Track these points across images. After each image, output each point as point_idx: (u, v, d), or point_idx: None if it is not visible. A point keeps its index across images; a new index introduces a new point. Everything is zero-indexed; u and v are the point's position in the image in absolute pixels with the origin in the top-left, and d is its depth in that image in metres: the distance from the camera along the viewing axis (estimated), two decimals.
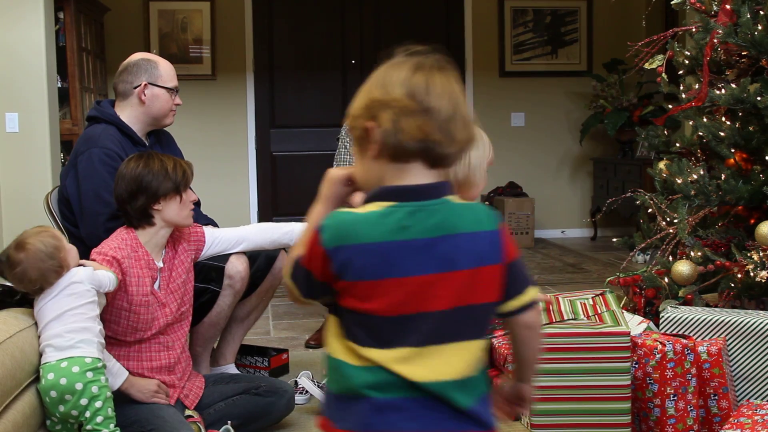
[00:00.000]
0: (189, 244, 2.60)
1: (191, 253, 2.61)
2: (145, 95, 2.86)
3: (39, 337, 2.22)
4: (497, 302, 1.30)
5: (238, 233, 2.73)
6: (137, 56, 2.93)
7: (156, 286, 2.49)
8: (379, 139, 1.23)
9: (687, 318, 2.54)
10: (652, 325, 2.65)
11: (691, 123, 3.06)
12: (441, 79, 1.23)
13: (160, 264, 2.51)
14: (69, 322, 2.20)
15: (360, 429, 1.22)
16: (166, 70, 2.91)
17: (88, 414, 2.16)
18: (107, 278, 2.30)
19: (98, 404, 2.17)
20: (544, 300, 2.36)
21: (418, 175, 1.24)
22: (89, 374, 2.17)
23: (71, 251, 2.30)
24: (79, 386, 2.15)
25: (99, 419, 2.16)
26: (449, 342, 1.23)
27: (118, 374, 2.36)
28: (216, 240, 2.70)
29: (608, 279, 3.11)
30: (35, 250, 2.22)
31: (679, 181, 2.85)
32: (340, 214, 1.25)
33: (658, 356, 2.31)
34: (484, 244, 1.25)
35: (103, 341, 2.27)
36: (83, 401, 2.16)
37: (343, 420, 1.25)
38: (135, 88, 2.86)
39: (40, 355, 2.21)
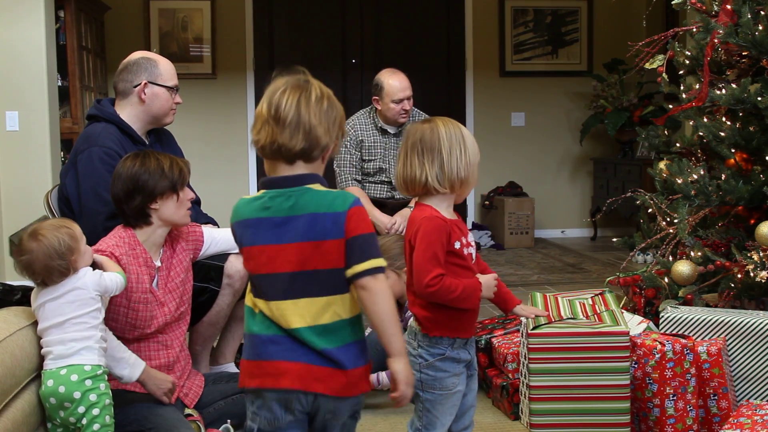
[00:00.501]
0: (187, 243, 2.60)
1: (189, 252, 2.61)
2: (145, 94, 2.85)
3: (40, 337, 2.22)
4: (342, 268, 1.62)
5: None
6: (137, 55, 2.92)
7: (154, 284, 2.49)
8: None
9: (687, 318, 2.54)
10: (651, 325, 2.65)
11: (691, 123, 3.06)
12: (296, 94, 1.65)
13: (158, 263, 2.51)
14: (71, 331, 2.18)
15: (252, 358, 1.65)
16: (166, 69, 2.91)
17: (85, 421, 2.15)
18: (114, 282, 2.27)
19: (95, 412, 2.16)
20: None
21: (280, 169, 1.67)
22: (88, 382, 2.16)
23: (84, 254, 2.26)
24: (77, 395, 2.14)
25: (96, 427, 2.16)
26: (300, 297, 1.62)
27: (135, 365, 2.35)
28: (215, 240, 2.70)
29: (608, 279, 3.12)
30: (47, 244, 2.19)
31: (679, 181, 2.85)
32: (240, 201, 1.72)
33: (657, 356, 2.31)
34: (329, 223, 1.61)
35: (105, 345, 2.26)
36: (81, 409, 2.15)
37: (246, 352, 1.68)
38: (135, 86, 2.86)
39: (42, 356, 2.21)
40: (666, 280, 2.85)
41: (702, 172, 2.82)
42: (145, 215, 2.44)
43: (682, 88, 3.11)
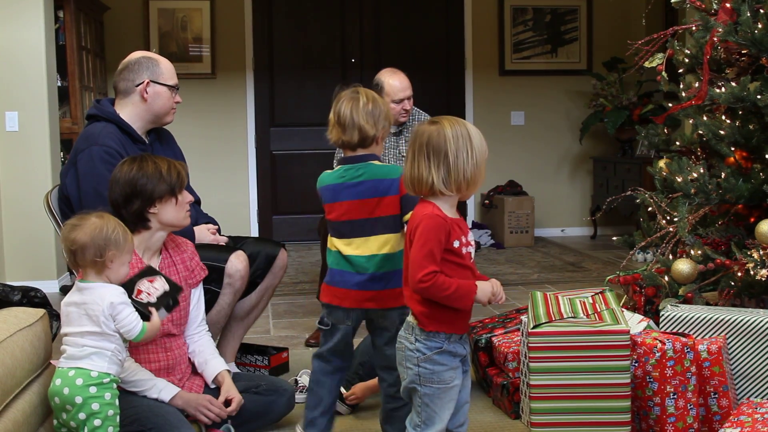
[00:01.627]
0: (189, 266, 2.60)
1: (188, 274, 2.60)
2: (147, 93, 2.86)
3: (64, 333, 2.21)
4: (399, 215, 2.30)
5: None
6: (138, 54, 2.92)
7: None
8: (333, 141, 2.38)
9: (687, 316, 2.54)
10: (652, 323, 2.65)
11: (691, 121, 3.05)
12: (349, 104, 2.31)
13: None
14: (87, 337, 2.15)
15: (328, 283, 2.36)
16: (167, 68, 2.91)
17: (85, 430, 2.12)
18: (131, 325, 2.16)
19: (97, 422, 2.12)
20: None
21: (348, 153, 2.35)
22: (92, 389, 2.12)
23: (122, 265, 2.18)
24: (78, 400, 2.11)
25: None
26: (369, 235, 2.30)
27: (165, 389, 2.39)
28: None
29: (608, 277, 3.11)
30: (103, 225, 2.14)
31: (679, 180, 2.85)
32: (324, 174, 2.40)
33: (657, 354, 2.31)
34: (386, 185, 2.29)
35: (122, 356, 2.22)
36: (81, 416, 2.12)
37: (326, 278, 2.38)
38: (137, 85, 2.86)
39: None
40: (666, 278, 2.85)
41: (702, 171, 2.82)
42: (144, 219, 2.44)
43: (681, 86, 3.11)
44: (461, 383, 2.01)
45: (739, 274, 2.66)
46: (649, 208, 3.08)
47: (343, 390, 2.75)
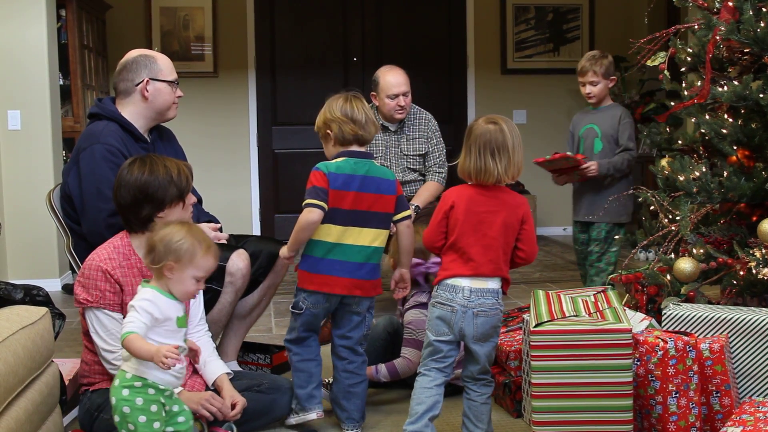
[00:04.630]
0: None
1: None
2: (147, 91, 2.86)
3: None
4: (392, 213, 2.57)
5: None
6: (135, 53, 2.92)
7: None
8: (333, 136, 2.60)
9: (689, 315, 2.54)
10: (654, 322, 2.65)
11: (693, 120, 3.05)
12: (357, 103, 2.59)
13: None
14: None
15: (312, 271, 2.54)
16: (165, 64, 2.91)
17: None
18: (122, 328, 2.13)
19: (131, 427, 2.10)
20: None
21: (354, 148, 2.57)
22: (125, 391, 2.11)
23: (183, 282, 2.15)
24: (113, 400, 2.12)
25: None
26: (365, 227, 2.52)
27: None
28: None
29: (610, 276, 3.11)
30: (164, 237, 2.14)
31: (681, 179, 2.85)
32: (329, 162, 2.55)
33: (660, 353, 2.31)
34: (387, 185, 2.56)
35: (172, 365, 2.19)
36: (116, 417, 2.12)
37: (311, 269, 2.54)
38: (137, 85, 2.86)
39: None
40: (668, 277, 2.84)
41: (704, 169, 2.81)
42: (151, 223, 2.43)
43: (683, 85, 3.10)
44: None
45: (742, 272, 2.66)
46: (651, 207, 3.08)
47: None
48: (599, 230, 3.72)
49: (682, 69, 3.14)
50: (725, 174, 2.78)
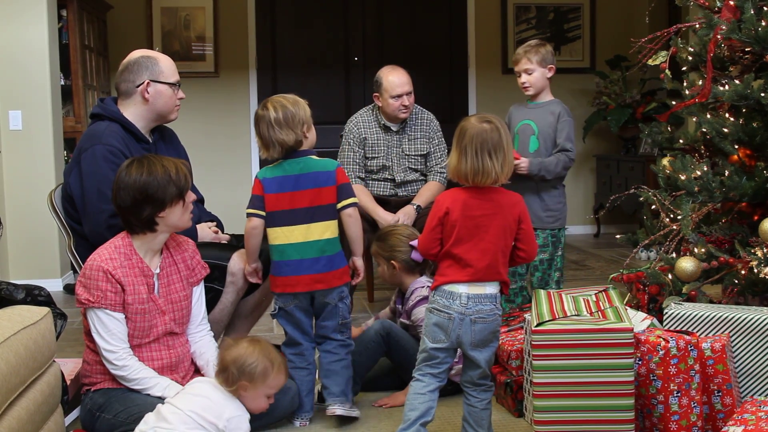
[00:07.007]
0: (189, 264, 2.61)
1: (188, 266, 2.61)
2: (148, 93, 2.85)
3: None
4: (334, 203, 2.64)
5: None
6: (136, 54, 2.91)
7: (156, 292, 2.48)
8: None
9: (691, 314, 2.54)
10: (655, 321, 2.65)
11: (694, 119, 3.05)
12: (264, 124, 2.62)
13: (157, 270, 2.50)
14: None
15: (276, 275, 2.66)
16: (167, 66, 2.90)
17: None
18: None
19: None
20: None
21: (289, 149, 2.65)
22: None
23: (256, 400, 2.34)
24: None
25: None
26: (311, 222, 2.62)
27: (168, 388, 2.44)
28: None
29: (611, 276, 3.11)
30: (238, 359, 2.30)
31: (682, 178, 2.85)
32: (264, 168, 2.66)
33: (661, 352, 2.31)
34: (325, 177, 2.64)
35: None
36: None
37: (275, 273, 2.66)
38: (138, 86, 2.86)
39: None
40: (669, 276, 2.84)
41: (705, 169, 2.81)
42: (152, 223, 2.43)
43: (685, 84, 3.10)
44: None
45: (743, 272, 2.65)
46: (653, 206, 3.08)
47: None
48: (544, 236, 3.43)
49: (684, 68, 3.14)
50: (726, 173, 2.77)
